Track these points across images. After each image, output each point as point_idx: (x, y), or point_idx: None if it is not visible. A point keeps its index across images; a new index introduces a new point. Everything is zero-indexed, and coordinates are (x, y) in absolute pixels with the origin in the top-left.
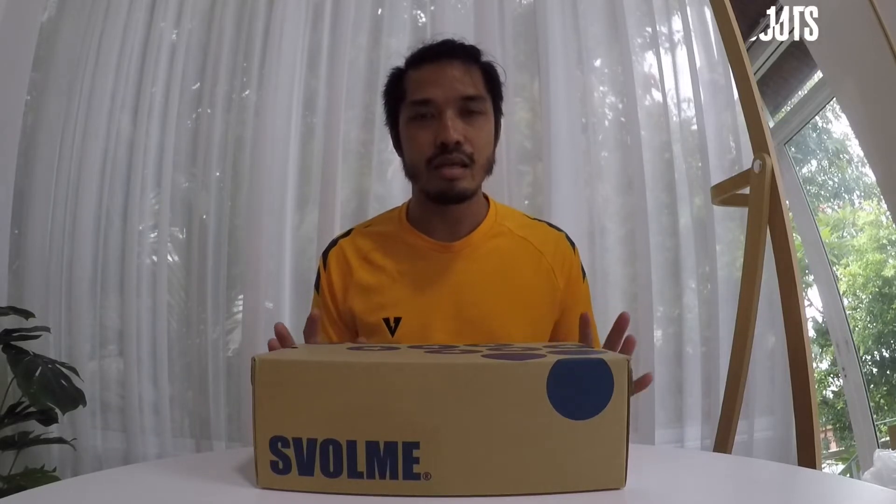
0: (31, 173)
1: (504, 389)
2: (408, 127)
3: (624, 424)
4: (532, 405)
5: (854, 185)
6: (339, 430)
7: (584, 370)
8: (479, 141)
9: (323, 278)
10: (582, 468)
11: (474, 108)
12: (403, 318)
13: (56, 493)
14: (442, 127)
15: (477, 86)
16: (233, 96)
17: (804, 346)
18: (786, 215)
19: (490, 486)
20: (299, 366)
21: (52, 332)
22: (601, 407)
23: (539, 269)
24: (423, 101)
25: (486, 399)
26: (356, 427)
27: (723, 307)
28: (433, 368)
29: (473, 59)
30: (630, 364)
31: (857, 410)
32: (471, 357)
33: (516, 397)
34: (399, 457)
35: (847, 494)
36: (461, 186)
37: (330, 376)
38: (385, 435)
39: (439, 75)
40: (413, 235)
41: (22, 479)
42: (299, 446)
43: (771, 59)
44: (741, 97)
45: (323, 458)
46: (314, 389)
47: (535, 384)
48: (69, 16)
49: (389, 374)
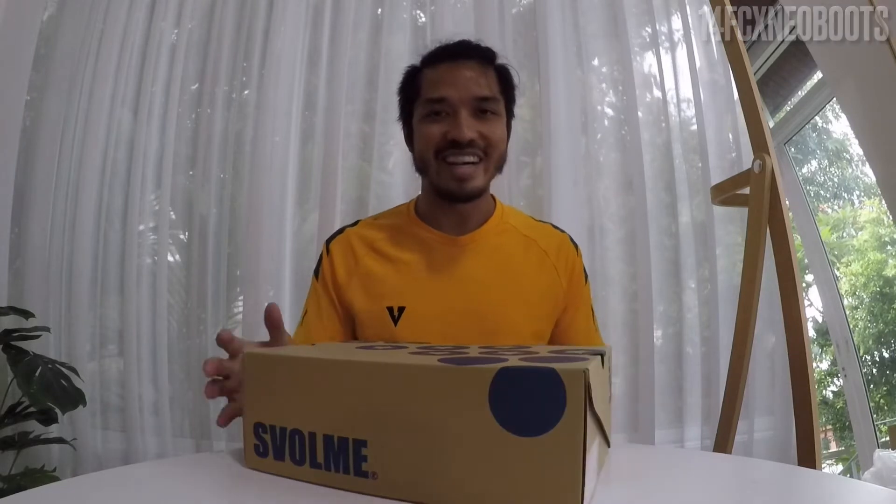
0: (32, 173)
1: (445, 396)
2: (421, 123)
3: (579, 445)
4: (473, 416)
5: (854, 184)
6: (303, 422)
7: (532, 381)
8: (492, 137)
9: (325, 264)
10: (530, 489)
11: (488, 109)
12: (407, 307)
13: (56, 493)
14: (455, 125)
15: (491, 87)
16: (233, 96)
17: (804, 346)
18: (786, 215)
19: (433, 496)
20: (277, 360)
21: (52, 332)
22: (552, 423)
23: (543, 268)
24: (438, 99)
25: (428, 405)
26: (316, 420)
27: (723, 307)
28: (378, 368)
29: (489, 60)
30: (588, 375)
31: (857, 410)
32: (427, 359)
33: (456, 406)
34: (350, 453)
35: (847, 494)
36: (471, 186)
37: (298, 371)
38: (339, 430)
39: (455, 75)
40: (421, 228)
41: (22, 479)
42: (274, 433)
43: (771, 59)
44: (741, 97)
45: (291, 446)
46: (287, 382)
47: (476, 393)
48: (69, 15)
49: (342, 371)
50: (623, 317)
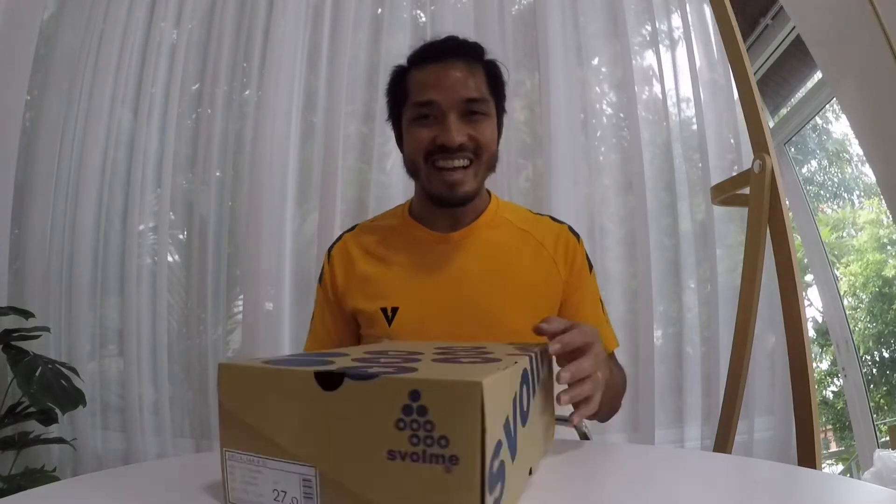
0: (32, 173)
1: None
2: (410, 127)
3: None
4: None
5: (854, 184)
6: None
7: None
8: (482, 138)
9: (326, 272)
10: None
11: (477, 110)
12: (401, 307)
13: (56, 493)
14: (444, 129)
15: (480, 87)
16: (233, 96)
17: (804, 346)
18: (786, 215)
19: None
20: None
21: (52, 332)
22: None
23: (539, 260)
24: (426, 102)
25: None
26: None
27: (723, 307)
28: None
29: (476, 58)
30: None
31: (857, 410)
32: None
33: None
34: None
35: (847, 494)
36: (462, 191)
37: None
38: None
39: (442, 77)
40: (415, 228)
41: (22, 479)
42: None
43: (771, 59)
44: (741, 97)
45: None
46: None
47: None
48: (69, 15)
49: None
50: (623, 317)
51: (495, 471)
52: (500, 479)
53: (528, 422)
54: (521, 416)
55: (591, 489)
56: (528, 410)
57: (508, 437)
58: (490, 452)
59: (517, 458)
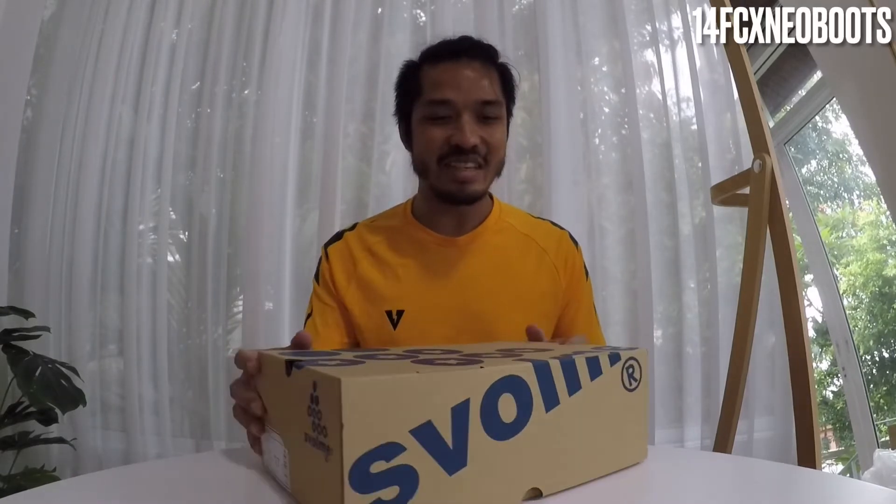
0: (32, 173)
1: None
2: (421, 124)
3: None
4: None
5: (854, 185)
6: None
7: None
8: (493, 142)
9: (324, 269)
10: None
11: (490, 114)
12: (406, 311)
13: (56, 493)
14: (459, 130)
15: (495, 90)
16: (233, 96)
17: (804, 346)
18: (786, 215)
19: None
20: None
21: (52, 332)
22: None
23: (542, 266)
24: (442, 101)
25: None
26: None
27: (723, 307)
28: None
29: (491, 60)
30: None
31: (857, 410)
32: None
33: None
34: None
35: (847, 494)
36: (472, 189)
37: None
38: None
39: (458, 76)
40: (418, 230)
41: (22, 479)
42: None
43: (771, 59)
44: (741, 97)
45: None
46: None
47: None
48: (69, 15)
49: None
50: (623, 317)
51: (376, 472)
52: (393, 483)
53: (524, 436)
54: (493, 428)
55: (591, 489)
56: (524, 422)
57: (433, 445)
58: (361, 451)
59: (480, 472)
